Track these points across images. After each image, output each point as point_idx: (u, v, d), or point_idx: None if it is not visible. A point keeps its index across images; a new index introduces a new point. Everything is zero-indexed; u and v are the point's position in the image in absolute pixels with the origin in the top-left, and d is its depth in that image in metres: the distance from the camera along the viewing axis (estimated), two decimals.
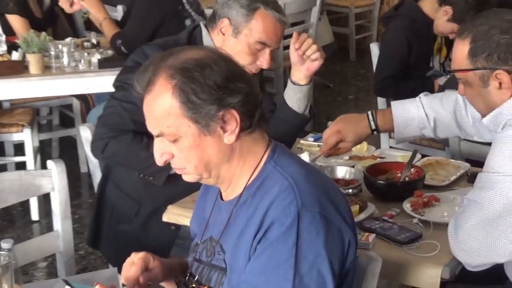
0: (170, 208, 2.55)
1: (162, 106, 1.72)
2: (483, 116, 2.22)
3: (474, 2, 3.85)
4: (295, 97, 2.73)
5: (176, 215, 2.53)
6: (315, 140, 3.12)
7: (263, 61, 2.68)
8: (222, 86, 1.72)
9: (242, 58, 2.55)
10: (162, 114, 1.72)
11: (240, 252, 1.77)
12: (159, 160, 1.79)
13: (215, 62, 1.74)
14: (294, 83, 2.72)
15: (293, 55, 2.67)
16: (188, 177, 1.82)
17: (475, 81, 2.15)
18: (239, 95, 1.74)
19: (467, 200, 2.14)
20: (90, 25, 5.23)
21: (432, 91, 3.92)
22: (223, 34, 2.66)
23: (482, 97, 2.18)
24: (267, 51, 2.67)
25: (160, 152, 1.78)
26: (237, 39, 2.64)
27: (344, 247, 1.77)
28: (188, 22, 4.19)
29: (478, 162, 2.83)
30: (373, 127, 2.66)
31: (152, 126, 1.77)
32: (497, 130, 2.13)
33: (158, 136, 1.77)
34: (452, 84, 3.49)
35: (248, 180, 1.81)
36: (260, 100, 1.81)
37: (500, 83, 2.11)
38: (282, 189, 1.73)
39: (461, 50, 2.16)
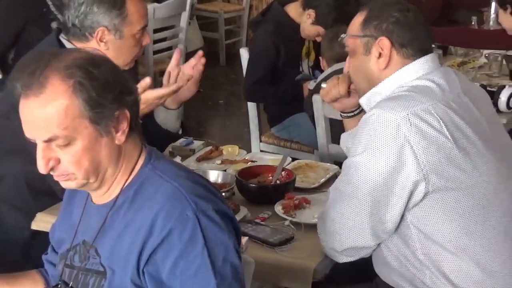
0: (40, 216, 2.48)
1: (58, 108, 1.65)
2: (361, 95, 2.30)
3: (335, 3, 3.96)
4: (163, 116, 2.71)
5: (46, 222, 2.46)
6: (186, 145, 3.11)
7: (146, 40, 2.68)
8: (118, 83, 1.69)
9: (132, 52, 2.58)
10: (57, 117, 1.66)
11: (119, 255, 1.74)
12: (45, 168, 1.70)
13: (105, 60, 1.72)
14: (165, 107, 2.70)
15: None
16: (71, 184, 1.76)
17: (360, 48, 2.26)
18: (132, 94, 1.72)
19: (333, 190, 2.20)
20: None
21: (301, 95, 4.00)
22: (105, 43, 2.59)
23: (363, 67, 2.26)
24: (146, 29, 2.67)
25: (47, 159, 1.70)
26: (123, 39, 2.59)
27: (239, 237, 1.79)
28: (54, 25, 4.09)
29: None
30: (357, 111, 2.58)
31: (40, 132, 1.68)
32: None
33: (48, 141, 1.68)
34: (320, 89, 3.57)
35: (124, 184, 1.78)
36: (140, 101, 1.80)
37: (380, 53, 2.21)
38: (170, 195, 1.72)
39: (357, 20, 2.28)
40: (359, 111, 2.54)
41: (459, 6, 5.42)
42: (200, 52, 2.69)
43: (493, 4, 4.97)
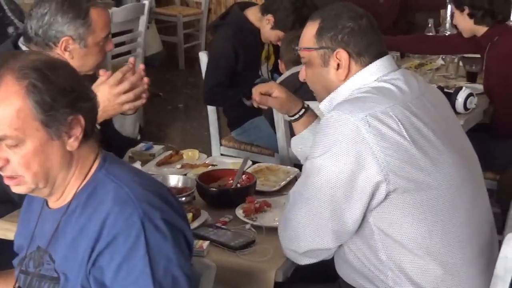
0: None
1: (9, 107, 1.64)
2: (321, 101, 2.30)
3: (292, 7, 3.98)
4: (120, 122, 2.70)
5: (4, 230, 2.43)
6: (146, 150, 3.10)
7: (109, 46, 2.69)
8: (74, 89, 1.68)
9: (96, 59, 2.59)
10: (9, 116, 1.64)
11: (73, 261, 1.73)
12: None
13: (64, 65, 1.70)
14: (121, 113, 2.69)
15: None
16: (21, 188, 1.74)
17: (317, 60, 2.25)
18: (89, 101, 1.70)
19: (293, 193, 2.20)
20: None
21: None
22: (69, 52, 2.57)
23: (321, 77, 2.27)
24: (109, 36, 2.67)
25: None
26: (87, 47, 2.59)
27: (190, 247, 1.79)
28: (11, 29, 4.05)
29: None
30: (302, 112, 2.62)
31: None
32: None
33: None
34: None
35: (78, 188, 1.77)
36: (98, 108, 1.79)
37: (338, 64, 2.21)
38: (119, 199, 1.71)
39: (310, 30, 2.27)
40: (303, 113, 2.58)
41: (416, 8, 5.47)
42: (131, 59, 2.67)
43: (449, 7, 5.03)
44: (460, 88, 3.79)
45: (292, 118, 2.63)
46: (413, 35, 4.84)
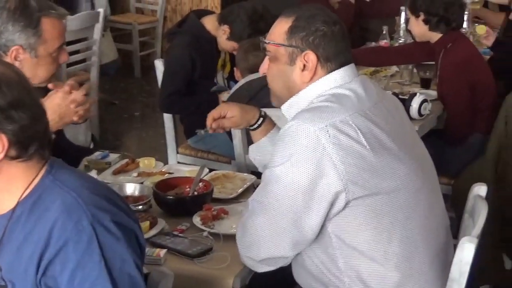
0: None
1: None
2: (279, 101, 2.30)
3: (249, 21, 3.99)
4: (71, 131, 2.68)
5: None
6: (102, 158, 3.07)
7: (63, 58, 2.64)
8: (2, 109, 1.65)
9: (48, 70, 2.54)
10: None
11: (18, 268, 1.71)
12: None
13: (8, 84, 1.67)
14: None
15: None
16: None
17: (284, 57, 2.23)
18: (15, 125, 1.67)
19: (252, 201, 2.20)
20: None
21: (217, 105, 4.00)
22: (20, 61, 2.53)
23: (284, 75, 2.25)
24: (63, 47, 2.62)
25: None
26: (38, 58, 2.54)
27: (142, 248, 1.78)
28: None
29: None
30: (260, 121, 2.62)
31: None
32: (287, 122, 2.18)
33: None
34: (235, 98, 3.59)
35: (21, 196, 1.74)
36: (42, 132, 1.73)
37: (304, 65, 2.20)
38: (67, 205, 1.69)
39: (282, 26, 2.24)
40: (261, 122, 2.59)
41: (370, 15, 5.53)
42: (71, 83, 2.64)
43: (403, 14, 5.09)
44: (415, 94, 3.83)
45: (251, 128, 2.63)
46: (369, 47, 4.89)
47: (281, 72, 2.26)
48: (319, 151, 2.03)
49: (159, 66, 4.25)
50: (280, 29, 2.25)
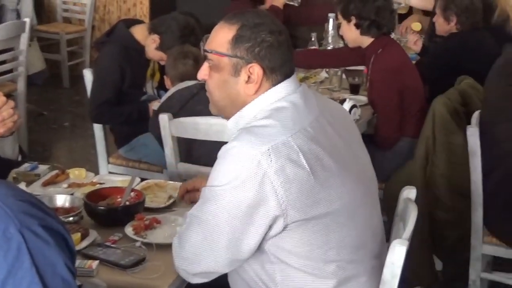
0: None
1: None
2: (219, 110, 2.26)
3: (179, 34, 3.99)
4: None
5: None
6: (31, 170, 3.02)
7: None
8: None
9: None
10: None
11: None
12: None
13: None
14: None
15: None
16: None
17: (227, 67, 2.16)
18: None
19: (190, 215, 2.18)
20: None
21: (147, 115, 3.99)
22: None
23: (227, 85, 2.19)
24: None
25: None
26: None
27: (72, 252, 1.76)
28: None
29: None
30: None
31: None
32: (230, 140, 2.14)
33: None
34: (165, 107, 3.58)
35: None
36: None
37: (249, 77, 2.15)
38: None
39: (225, 34, 2.16)
40: None
41: (299, 22, 5.57)
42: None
43: (331, 21, 5.15)
44: (344, 100, 3.88)
45: None
46: (305, 49, 4.93)
47: (224, 82, 2.19)
48: (260, 176, 2.01)
49: (88, 76, 4.21)
50: (223, 37, 2.17)
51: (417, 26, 4.85)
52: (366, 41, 4.08)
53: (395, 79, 3.99)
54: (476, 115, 3.39)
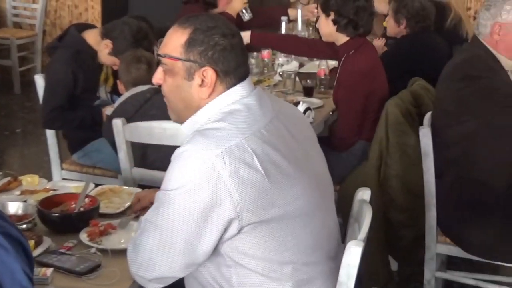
0: None
1: None
2: (176, 115, 2.25)
3: (132, 39, 3.97)
4: None
5: None
6: None
7: None
8: None
9: None
10: None
11: None
12: None
13: None
14: None
15: None
16: None
17: (181, 71, 2.16)
18: None
19: (144, 221, 2.16)
20: None
21: (101, 120, 3.96)
22: None
23: (181, 89, 2.18)
24: None
25: None
26: None
27: (30, 259, 1.74)
28: None
29: (150, 187, 2.89)
30: None
31: None
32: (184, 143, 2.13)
33: None
34: (120, 112, 3.55)
35: None
36: None
37: (202, 80, 2.14)
38: None
39: (178, 38, 2.16)
40: None
41: (251, 27, 5.58)
42: None
43: (284, 24, 5.17)
44: (298, 102, 3.89)
45: None
46: (285, 34, 4.98)
47: (178, 86, 2.19)
48: (214, 179, 2.01)
49: (40, 81, 4.16)
50: (176, 41, 2.16)
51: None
52: (341, 38, 4.06)
53: (363, 82, 3.96)
54: (428, 116, 3.42)
